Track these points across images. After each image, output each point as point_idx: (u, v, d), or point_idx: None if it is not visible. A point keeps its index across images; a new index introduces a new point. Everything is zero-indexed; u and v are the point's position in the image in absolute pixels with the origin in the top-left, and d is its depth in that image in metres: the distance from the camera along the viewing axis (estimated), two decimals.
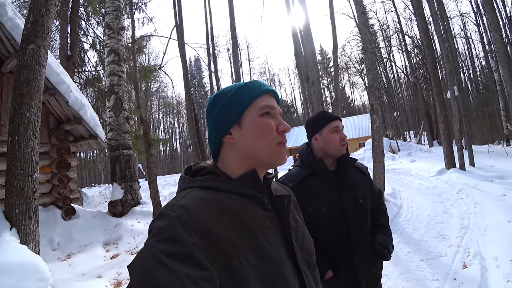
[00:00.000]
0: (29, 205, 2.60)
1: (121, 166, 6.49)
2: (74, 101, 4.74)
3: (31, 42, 2.75)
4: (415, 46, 22.38)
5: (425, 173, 9.49)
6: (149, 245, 0.51)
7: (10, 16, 3.81)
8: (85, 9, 10.61)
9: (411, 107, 28.68)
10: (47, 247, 3.97)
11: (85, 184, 29.48)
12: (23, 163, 2.63)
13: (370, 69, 6.80)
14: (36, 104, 2.79)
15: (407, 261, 3.44)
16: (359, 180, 1.39)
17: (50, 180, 4.97)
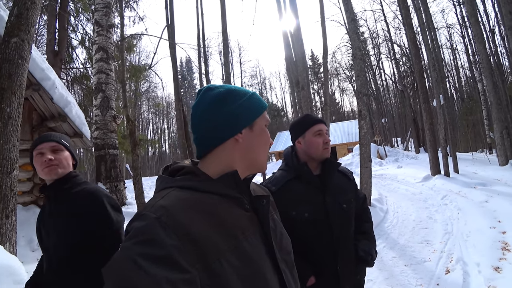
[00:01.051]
0: (7, 203, 2.50)
1: (107, 166, 6.35)
2: (59, 98, 4.61)
3: (14, 35, 2.67)
4: (403, 55, 22.99)
5: (411, 179, 9.69)
6: (126, 248, 0.49)
7: None
8: (75, 4, 10.41)
9: (399, 114, 29.33)
10: (26, 248, 3.82)
11: None
12: (2, 159, 2.53)
13: (358, 75, 6.93)
14: (17, 99, 2.70)
15: (392, 266, 3.48)
16: (344, 185, 1.37)
17: (32, 179, 4.81)
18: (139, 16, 12.68)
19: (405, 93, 21.48)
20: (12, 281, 1.94)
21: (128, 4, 11.52)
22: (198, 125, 0.68)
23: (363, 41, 26.46)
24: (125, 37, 5.94)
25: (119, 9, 6.06)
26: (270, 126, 19.42)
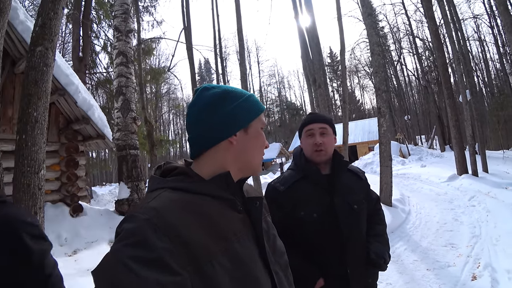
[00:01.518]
0: (35, 201, 2.67)
1: (128, 166, 6.58)
2: (83, 102, 4.85)
3: (39, 44, 2.84)
4: (426, 49, 21.96)
5: (435, 179, 9.28)
6: (116, 250, 0.48)
7: (22, 19, 3.95)
8: (97, 12, 10.91)
9: (423, 111, 28.12)
10: (55, 243, 4.06)
11: (97, 183, 30.09)
12: (30, 160, 2.70)
13: (377, 71, 6.74)
14: (43, 104, 2.87)
15: (413, 270, 3.33)
16: (355, 185, 1.33)
17: (59, 178, 5.09)
18: (156, 20, 13.03)
19: (429, 88, 20.56)
20: None
21: (147, 9, 11.90)
22: (193, 125, 0.67)
23: (383, 36, 25.57)
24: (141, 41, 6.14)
25: (135, 14, 6.26)
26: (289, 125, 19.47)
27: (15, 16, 3.89)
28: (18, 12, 3.93)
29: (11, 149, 3.88)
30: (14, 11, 3.84)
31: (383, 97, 6.67)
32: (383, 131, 6.53)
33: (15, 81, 4.58)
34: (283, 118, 47.62)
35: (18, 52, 4.42)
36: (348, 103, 37.38)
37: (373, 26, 7.00)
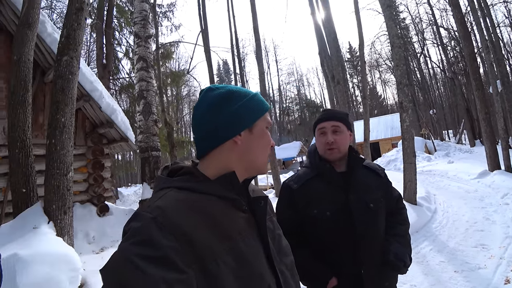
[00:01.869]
0: (64, 201, 2.85)
1: (150, 167, 6.82)
2: (106, 107, 5.09)
3: (65, 54, 3.02)
4: (451, 39, 20.78)
5: (464, 175, 8.79)
6: (123, 248, 0.49)
7: (49, 31, 4.21)
8: (118, 20, 11.38)
9: (450, 104, 26.68)
10: (83, 241, 4.31)
11: (122, 184, 31.36)
12: (59, 163, 2.89)
13: (398, 64, 6.50)
14: (70, 110, 3.06)
15: (440, 272, 3.17)
16: (372, 183, 1.28)
17: (87, 180, 5.38)
18: (174, 25, 13.35)
19: (456, 80, 19.49)
20: (69, 269, 2.21)
21: (165, 14, 12.23)
22: (198, 125, 0.68)
23: (405, 27, 24.52)
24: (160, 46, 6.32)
25: (154, 20, 6.46)
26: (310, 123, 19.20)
27: (43, 29, 4.16)
28: (46, 25, 4.20)
29: (42, 153, 4.14)
30: (42, 25, 4.10)
31: (405, 91, 6.43)
32: (405, 127, 6.29)
33: (45, 90, 4.90)
34: (303, 116, 47.10)
35: (47, 62, 4.72)
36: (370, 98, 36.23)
37: (392, 18, 6.74)
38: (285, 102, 49.22)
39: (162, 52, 11.95)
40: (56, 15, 10.43)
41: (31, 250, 2.09)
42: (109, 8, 10.91)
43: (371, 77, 42.26)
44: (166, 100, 20.56)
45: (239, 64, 13.41)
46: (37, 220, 2.53)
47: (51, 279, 2.01)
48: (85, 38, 13.50)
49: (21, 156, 3.06)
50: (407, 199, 5.85)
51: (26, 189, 2.99)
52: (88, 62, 13.27)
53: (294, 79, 50.48)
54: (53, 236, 2.48)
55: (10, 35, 4.47)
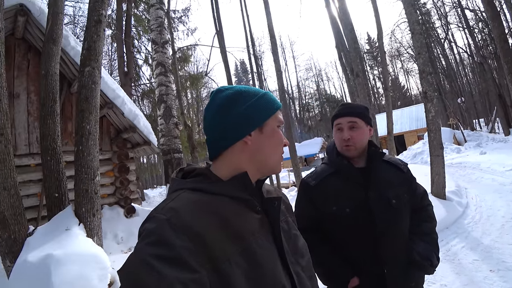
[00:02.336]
0: (93, 204, 3.00)
1: (173, 169, 7.03)
2: (129, 112, 5.31)
3: (87, 65, 3.18)
4: (478, 20, 19.39)
5: (498, 167, 8.22)
6: (138, 249, 0.51)
7: (73, 45, 4.46)
8: (136, 29, 11.81)
9: (479, 91, 25.07)
10: (112, 241, 4.53)
11: (148, 186, 32.52)
12: (87, 168, 3.05)
13: (420, 52, 6.22)
14: (94, 118, 3.21)
15: (473, 271, 2.99)
16: (394, 178, 1.24)
17: (114, 183, 5.64)
18: (190, 29, 13.64)
19: (485, 65, 18.24)
20: (99, 268, 2.34)
21: (180, 19, 12.52)
22: (208, 127, 0.69)
23: (426, 13, 23.29)
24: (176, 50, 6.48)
25: (168, 25, 6.63)
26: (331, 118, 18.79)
27: (67, 43, 4.41)
28: (69, 39, 4.45)
29: (72, 159, 4.41)
30: (66, 39, 4.35)
31: (429, 80, 6.14)
32: (431, 117, 6.01)
33: (72, 100, 5.19)
34: (323, 112, 46.32)
35: (72, 74, 5.00)
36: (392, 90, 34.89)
37: (411, 3, 6.44)
38: (304, 98, 48.67)
39: (179, 56, 12.24)
40: (79, 29, 11.04)
41: (64, 250, 2.23)
42: (127, 18, 11.35)
43: (392, 68, 40.67)
44: (187, 102, 21.05)
45: (256, 63, 13.43)
46: (68, 222, 2.70)
47: (82, 277, 2.14)
48: (107, 48, 14.16)
49: (53, 163, 3.27)
50: (435, 194, 5.59)
51: (58, 193, 3.18)
52: (110, 71, 13.89)
53: (312, 74, 49.84)
54: (84, 237, 2.63)
55: (38, 52, 4.78)
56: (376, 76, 42.11)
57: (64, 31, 3.94)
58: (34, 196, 4.67)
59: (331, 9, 10.55)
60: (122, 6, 11.18)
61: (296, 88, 48.38)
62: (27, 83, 4.75)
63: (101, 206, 4.96)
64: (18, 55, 4.73)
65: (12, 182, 2.61)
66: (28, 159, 4.67)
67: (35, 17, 4.25)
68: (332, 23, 10.81)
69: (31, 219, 4.40)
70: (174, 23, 12.21)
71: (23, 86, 4.71)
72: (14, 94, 4.61)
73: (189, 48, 13.71)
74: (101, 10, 3.32)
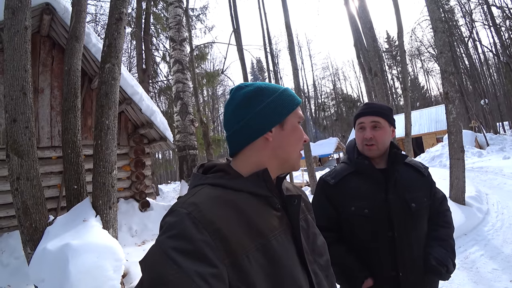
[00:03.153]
0: (109, 197, 3.10)
1: (188, 165, 7.14)
2: (146, 108, 5.43)
3: (107, 61, 3.27)
4: (506, 18, 18.43)
5: None
6: (159, 242, 0.52)
7: (94, 42, 4.60)
8: (155, 27, 12.03)
9: (505, 93, 23.91)
10: (127, 234, 4.66)
11: (163, 181, 33.21)
12: (105, 162, 3.14)
13: (442, 51, 5.99)
14: (113, 113, 3.30)
15: (492, 280, 2.86)
16: (414, 182, 1.22)
17: (130, 177, 5.79)
18: (207, 27, 13.74)
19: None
20: (114, 259, 2.42)
21: (198, 17, 12.65)
22: (228, 124, 0.69)
23: (449, 10, 22.39)
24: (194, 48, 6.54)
25: (187, 24, 6.71)
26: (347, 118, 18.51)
27: (89, 41, 4.56)
28: (91, 37, 4.60)
29: (91, 153, 4.57)
30: (88, 36, 4.49)
31: (451, 80, 5.91)
32: (452, 119, 5.79)
33: (92, 96, 5.37)
34: (339, 112, 45.63)
35: (93, 70, 5.16)
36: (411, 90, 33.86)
37: (434, 0, 6.22)
38: (320, 98, 48.09)
39: (196, 54, 12.38)
40: (100, 27, 11.38)
41: (81, 241, 2.32)
42: (147, 16, 11.59)
43: (412, 67, 39.50)
44: (202, 100, 21.26)
45: (272, 61, 13.39)
46: (86, 213, 2.80)
47: (98, 267, 2.22)
48: (126, 46, 14.52)
49: (73, 156, 3.39)
50: (454, 199, 5.38)
51: (77, 185, 3.30)
52: (129, 67, 14.25)
53: (329, 73, 49.18)
54: (100, 229, 2.72)
55: (61, 48, 4.96)
56: (394, 76, 40.99)
57: (86, 29, 4.08)
58: (55, 187, 4.87)
59: (350, 7, 10.36)
60: (142, 5, 11.43)
61: (312, 87, 47.90)
62: (51, 79, 4.95)
63: (117, 199, 5.10)
64: (43, 52, 4.93)
65: (35, 173, 2.73)
66: (50, 151, 4.87)
67: (59, 15, 4.42)
68: (350, 21, 10.61)
69: (51, 209, 4.60)
70: (192, 21, 12.37)
71: (47, 81, 4.91)
72: (39, 89, 4.82)
73: (206, 46, 13.83)
74: (122, 8, 3.40)
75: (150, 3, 11.60)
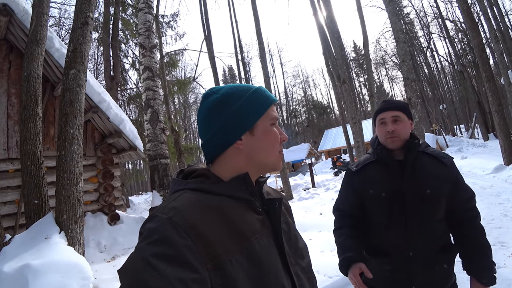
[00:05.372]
0: (75, 211, 2.90)
1: (159, 175, 6.89)
2: (114, 117, 5.20)
3: (72, 67, 3.11)
4: (458, 31, 20.40)
5: (479, 171, 8.56)
6: (139, 249, 0.50)
7: (57, 47, 4.35)
8: (124, 33, 11.66)
9: (460, 98, 26.14)
10: (95, 250, 4.37)
11: (133, 193, 31.78)
12: (69, 174, 2.95)
13: (404, 60, 6.43)
14: (78, 122, 3.13)
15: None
16: (433, 171, 1.25)
17: (97, 189, 5.47)
18: (178, 34, 13.58)
19: (465, 73, 19.07)
20: (80, 278, 2.25)
21: (168, 24, 12.47)
22: (200, 133, 0.68)
23: (409, 22, 24.26)
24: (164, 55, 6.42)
25: (156, 30, 6.58)
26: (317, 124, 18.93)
27: (51, 45, 4.30)
28: (53, 41, 4.34)
29: (54, 165, 4.26)
30: (50, 40, 4.23)
31: (413, 86, 6.34)
32: (415, 123, 6.19)
33: (55, 104, 5.04)
34: (310, 118, 46.92)
35: (56, 77, 4.86)
36: (377, 96, 35.76)
37: (396, 13, 6.69)
38: (292, 105, 49.16)
39: (167, 61, 12.15)
40: (64, 32, 10.82)
41: (43, 260, 2.13)
42: (115, 22, 11.19)
43: (377, 75, 41.85)
44: (174, 108, 20.84)
45: (244, 68, 13.50)
46: (48, 230, 2.59)
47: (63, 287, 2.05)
48: (93, 52, 13.89)
49: (33, 168, 3.14)
50: None
51: (38, 200, 3.06)
52: (96, 74, 13.62)
53: (300, 81, 50.53)
54: (65, 246, 2.53)
55: (20, 53, 4.63)
56: (361, 83, 43.14)
57: (48, 33, 3.84)
58: (12, 203, 4.47)
59: (319, 17, 10.80)
60: (110, 10, 11.04)
61: (284, 94, 48.87)
62: (7, 85, 4.58)
63: (84, 213, 4.80)
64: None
65: None
66: (6, 164, 4.48)
67: (18, 17, 4.13)
68: (319, 31, 11.04)
69: (8, 228, 4.20)
70: (162, 27, 12.17)
71: (3, 88, 4.54)
72: None
73: (177, 53, 13.64)
74: (88, 12, 3.26)
75: (118, 8, 11.23)
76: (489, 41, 13.39)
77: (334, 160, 18.60)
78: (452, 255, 1.28)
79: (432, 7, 22.18)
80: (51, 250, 2.33)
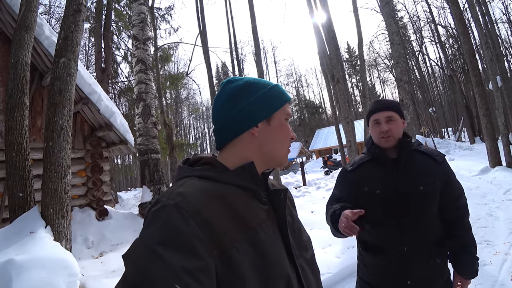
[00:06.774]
0: (62, 205, 2.80)
1: (150, 170, 6.77)
2: (105, 109, 5.06)
3: (62, 56, 2.99)
4: (449, 36, 20.89)
5: (465, 173, 8.77)
6: (144, 235, 0.50)
7: (47, 34, 4.18)
8: (117, 24, 11.39)
9: (449, 102, 26.78)
10: (82, 245, 4.25)
11: (122, 188, 31.29)
12: (57, 166, 2.84)
13: (398, 62, 6.50)
14: (67, 112, 3.02)
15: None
16: (426, 168, 1.29)
17: (86, 183, 5.33)
18: (173, 28, 13.38)
19: (454, 78, 19.54)
20: (67, 274, 2.17)
21: (163, 17, 12.25)
22: (217, 117, 0.69)
23: (403, 26, 24.67)
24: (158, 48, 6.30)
25: (151, 21, 6.44)
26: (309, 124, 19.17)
27: (41, 32, 4.13)
28: (43, 28, 4.18)
29: (41, 157, 4.11)
30: (40, 27, 4.07)
31: (405, 88, 6.42)
32: (406, 124, 6.29)
33: (43, 93, 4.87)
34: (302, 117, 47.20)
35: (45, 65, 4.69)
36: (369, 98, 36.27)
37: (391, 15, 6.76)
38: None
39: (160, 55, 11.95)
40: (54, 20, 10.46)
41: (27, 255, 2.05)
42: (107, 12, 10.91)
43: (369, 77, 42.42)
44: (165, 103, 20.54)
45: (238, 65, 13.41)
46: (34, 224, 2.49)
47: (47, 285, 1.97)
48: (84, 42, 13.52)
49: (18, 160, 3.02)
50: None
51: (23, 193, 2.94)
52: (87, 66, 13.26)
53: (293, 80, 50.63)
54: (50, 241, 2.44)
55: (8, 39, 4.44)
56: (354, 84, 43.60)
57: (38, 19, 3.70)
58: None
59: (315, 17, 10.79)
60: None
61: None
62: None
63: (71, 207, 4.66)
64: None
65: None
66: None
67: (7, 1, 3.96)
68: (315, 30, 11.05)
69: None
70: (157, 20, 11.93)
71: None
72: None
73: (171, 47, 13.42)
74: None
75: None
76: (479, 47, 13.74)
77: (325, 159, 18.77)
78: (445, 250, 1.32)
79: (425, 12, 22.65)
80: (36, 245, 2.24)
